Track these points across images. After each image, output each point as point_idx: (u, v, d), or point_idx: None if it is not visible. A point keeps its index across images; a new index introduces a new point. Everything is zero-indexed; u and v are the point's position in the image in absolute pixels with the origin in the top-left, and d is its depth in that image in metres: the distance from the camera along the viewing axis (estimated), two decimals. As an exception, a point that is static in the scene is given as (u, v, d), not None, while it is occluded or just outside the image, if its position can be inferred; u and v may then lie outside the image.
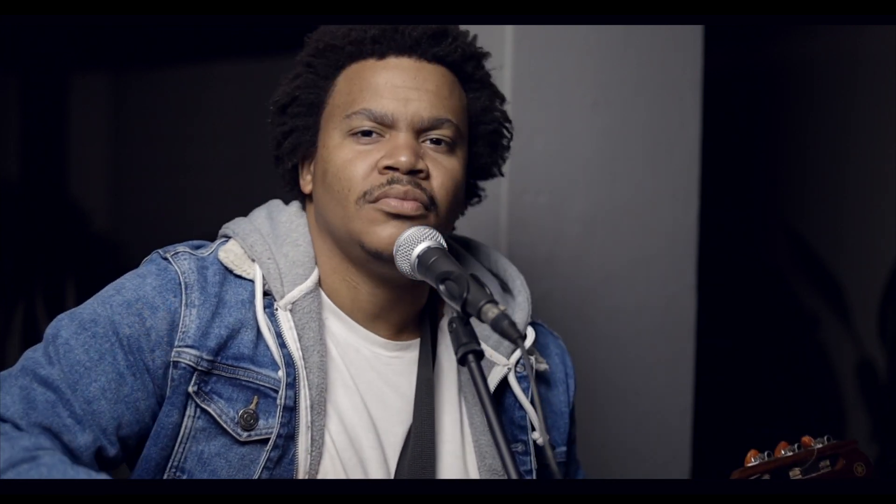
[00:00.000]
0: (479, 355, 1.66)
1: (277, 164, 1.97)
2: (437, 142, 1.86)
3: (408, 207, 1.82)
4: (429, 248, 1.78)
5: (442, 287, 1.72)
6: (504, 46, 2.70)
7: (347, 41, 1.87)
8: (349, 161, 1.84)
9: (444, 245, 1.81)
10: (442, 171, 1.86)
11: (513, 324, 1.61)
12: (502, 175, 2.05)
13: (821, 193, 4.90)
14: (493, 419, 1.61)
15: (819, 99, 4.89)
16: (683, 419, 3.05)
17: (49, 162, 6.11)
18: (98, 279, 1.90)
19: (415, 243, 1.79)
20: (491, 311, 1.64)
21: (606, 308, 2.91)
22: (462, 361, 1.66)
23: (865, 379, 4.57)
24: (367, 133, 1.84)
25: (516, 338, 1.60)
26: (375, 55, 1.87)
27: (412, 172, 1.82)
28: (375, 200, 1.82)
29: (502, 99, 2.00)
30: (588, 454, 2.77)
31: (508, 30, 2.69)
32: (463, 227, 2.18)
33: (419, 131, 1.85)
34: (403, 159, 1.81)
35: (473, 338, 1.67)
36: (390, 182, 1.81)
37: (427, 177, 1.84)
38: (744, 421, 4.61)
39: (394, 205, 1.81)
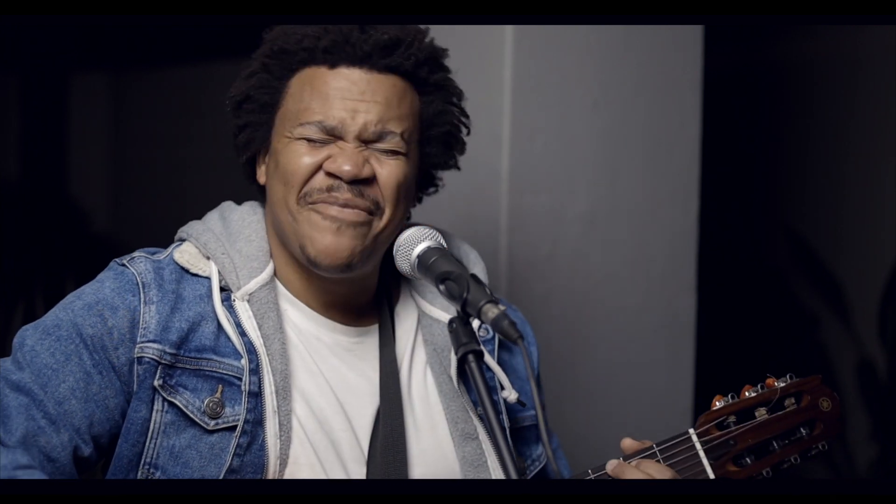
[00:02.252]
0: (479, 355, 1.69)
1: (237, 152, 2.01)
2: (385, 150, 1.89)
3: (348, 214, 1.86)
4: (429, 248, 1.80)
5: (442, 287, 1.74)
6: (504, 46, 2.70)
7: (300, 47, 1.90)
8: (297, 156, 1.87)
9: (444, 245, 1.82)
10: (387, 175, 1.88)
11: (512, 323, 1.63)
12: (458, 168, 2.06)
13: (821, 193, 4.90)
14: (495, 425, 1.63)
15: (819, 99, 4.89)
16: (683, 419, 3.04)
17: (49, 162, 6.12)
18: (99, 279, 1.90)
19: (415, 243, 1.81)
20: (491, 311, 1.65)
21: (606, 308, 2.91)
22: (462, 361, 1.67)
23: (865, 379, 4.57)
24: (317, 140, 1.88)
25: (516, 338, 1.61)
26: (327, 64, 1.89)
27: (355, 182, 1.85)
28: (314, 202, 1.86)
29: (459, 96, 2.01)
30: (588, 453, 2.77)
31: (508, 30, 2.69)
32: (463, 226, 2.18)
33: (366, 141, 1.88)
34: (346, 168, 1.85)
35: (473, 338, 1.69)
36: (330, 189, 1.85)
37: (372, 182, 1.87)
38: (744, 421, 4.60)
39: (333, 213, 1.85)
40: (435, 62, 1.96)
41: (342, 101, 1.87)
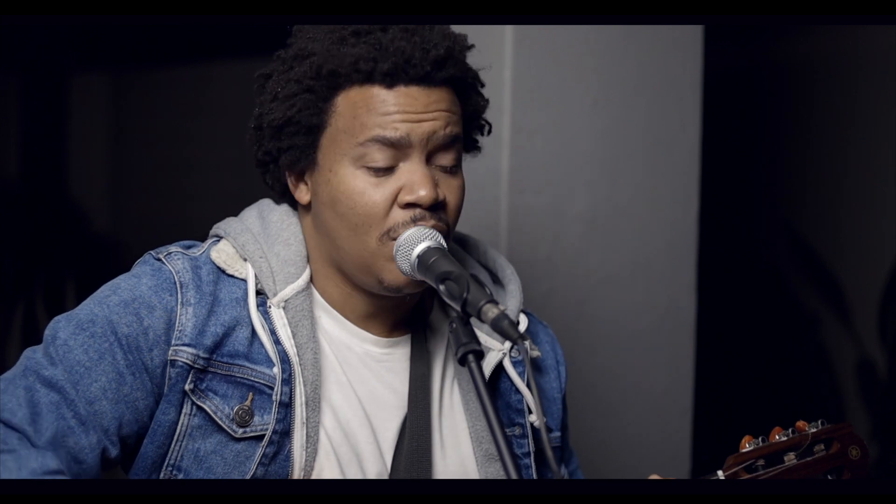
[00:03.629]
0: (479, 355, 1.67)
1: (264, 171, 1.95)
2: (446, 168, 1.86)
3: None
4: (429, 248, 1.79)
5: (442, 287, 1.73)
6: (504, 46, 2.70)
7: (354, 69, 1.83)
8: (364, 193, 1.82)
9: (444, 245, 1.81)
10: (454, 194, 1.87)
11: (513, 323, 1.63)
12: (478, 151, 2.02)
13: (821, 193, 4.90)
14: (495, 424, 1.62)
15: (819, 99, 4.89)
16: (683, 419, 3.05)
17: (49, 162, 6.12)
18: (98, 279, 1.90)
19: (415, 243, 1.80)
20: (491, 311, 1.65)
21: (606, 308, 2.91)
22: (462, 361, 1.67)
23: (865, 379, 4.58)
24: (381, 170, 1.82)
25: (517, 338, 1.61)
26: (384, 84, 1.83)
27: (433, 206, 1.82)
28: (399, 236, 1.82)
29: (482, 84, 1.98)
30: (588, 454, 2.77)
31: (508, 30, 2.69)
32: (463, 226, 2.18)
33: (432, 152, 1.84)
34: (424, 193, 1.80)
35: (473, 338, 1.68)
36: (415, 220, 1.81)
37: (445, 205, 1.85)
38: (744, 421, 4.61)
39: None
40: (467, 63, 1.92)
41: (404, 114, 1.82)
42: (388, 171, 1.82)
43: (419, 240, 1.80)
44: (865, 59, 4.70)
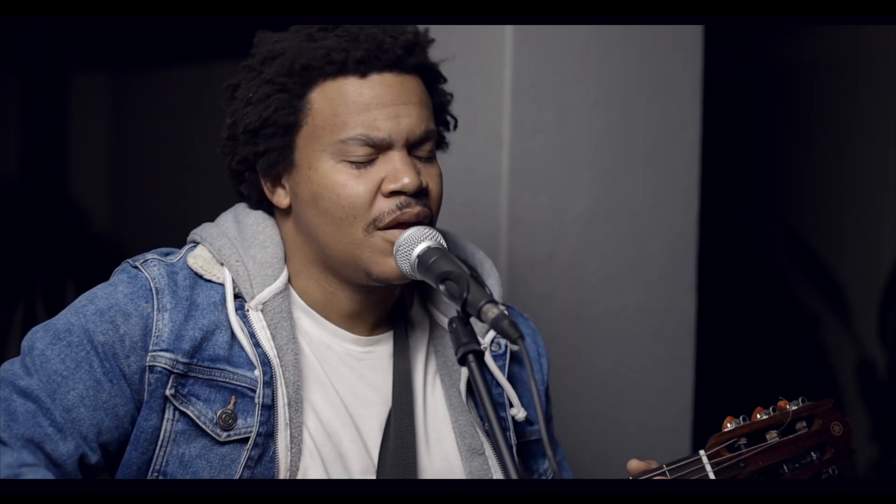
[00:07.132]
0: (480, 355, 1.68)
1: (237, 178, 1.94)
2: (423, 158, 1.87)
3: None
4: (429, 248, 1.79)
5: (442, 287, 1.73)
6: (504, 46, 2.70)
7: (327, 61, 1.84)
8: (347, 186, 1.83)
9: (444, 245, 1.82)
10: (435, 181, 1.88)
11: (513, 323, 1.62)
12: (446, 147, 2.02)
13: (821, 193, 4.90)
14: (495, 425, 1.62)
15: (819, 99, 4.89)
16: (683, 419, 3.05)
17: (49, 162, 6.11)
18: (98, 279, 1.90)
19: (415, 243, 1.80)
20: (491, 311, 1.65)
21: (606, 308, 2.91)
22: (462, 361, 1.67)
23: (865, 379, 4.57)
24: (362, 163, 1.83)
25: (517, 337, 1.61)
26: (358, 73, 1.84)
27: (418, 193, 1.83)
28: (386, 227, 1.83)
29: (444, 80, 1.99)
30: (587, 454, 2.77)
31: (508, 30, 2.69)
32: (463, 226, 2.18)
33: (410, 145, 1.86)
34: (407, 181, 1.82)
35: (473, 338, 1.68)
36: (401, 207, 1.82)
37: (428, 192, 1.86)
38: (744, 421, 4.59)
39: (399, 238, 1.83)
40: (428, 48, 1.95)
41: (382, 108, 1.83)
42: (368, 163, 1.83)
43: (419, 240, 1.80)
44: (865, 59, 4.70)
